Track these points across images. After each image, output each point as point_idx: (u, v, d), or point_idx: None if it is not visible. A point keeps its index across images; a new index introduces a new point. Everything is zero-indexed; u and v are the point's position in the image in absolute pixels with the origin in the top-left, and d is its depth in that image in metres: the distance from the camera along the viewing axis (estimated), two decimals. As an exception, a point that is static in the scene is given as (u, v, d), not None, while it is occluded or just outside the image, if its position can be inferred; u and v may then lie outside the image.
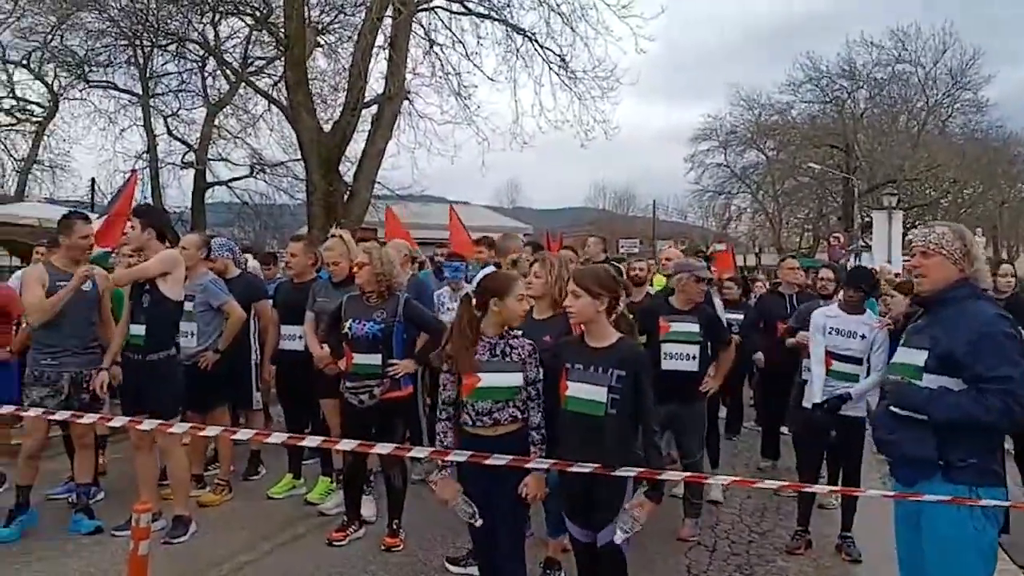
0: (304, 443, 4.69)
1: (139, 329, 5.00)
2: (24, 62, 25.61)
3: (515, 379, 3.52)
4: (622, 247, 31.58)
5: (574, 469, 3.25)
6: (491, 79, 18.74)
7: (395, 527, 5.06)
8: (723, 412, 8.18)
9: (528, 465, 3.38)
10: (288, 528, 5.44)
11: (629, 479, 3.26)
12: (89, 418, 4.96)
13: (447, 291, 6.65)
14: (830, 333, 5.18)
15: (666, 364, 5.20)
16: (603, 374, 3.27)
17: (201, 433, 5.14)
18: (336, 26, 20.82)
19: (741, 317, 7.86)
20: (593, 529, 3.36)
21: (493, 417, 3.50)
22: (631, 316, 3.76)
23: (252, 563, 4.81)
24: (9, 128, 27.56)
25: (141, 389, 5.01)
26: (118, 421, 4.85)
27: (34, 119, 27.57)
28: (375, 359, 4.86)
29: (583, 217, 53.28)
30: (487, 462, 3.37)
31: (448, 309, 6.28)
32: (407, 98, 18.03)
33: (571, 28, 17.51)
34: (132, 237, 5.10)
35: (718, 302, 7.21)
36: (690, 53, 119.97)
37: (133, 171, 11.13)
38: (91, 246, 5.41)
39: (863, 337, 5.09)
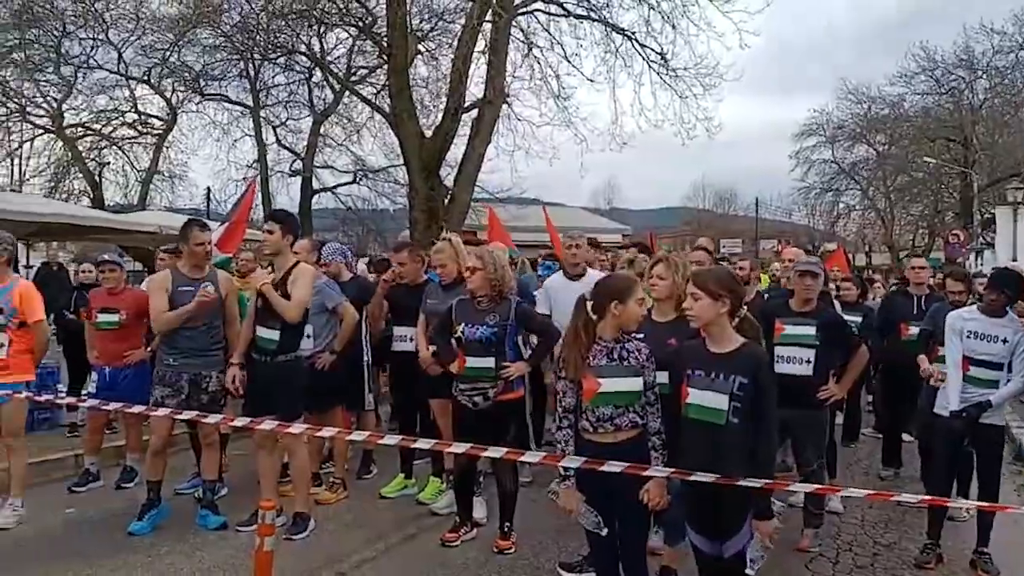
0: (417, 445, 4.76)
1: (272, 333, 5.15)
2: (145, 78, 27.07)
3: (635, 383, 3.45)
4: (724, 247, 30.91)
5: (694, 478, 3.16)
6: (590, 80, 18.64)
7: (507, 529, 5.06)
8: (839, 418, 7.85)
9: (647, 473, 3.31)
10: (402, 527, 5.52)
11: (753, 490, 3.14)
12: (214, 418, 5.20)
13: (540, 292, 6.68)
14: (968, 337, 4.88)
15: (778, 367, 5.00)
16: (725, 381, 3.17)
17: (318, 434, 5.28)
18: (436, 33, 21.13)
19: (859, 319, 7.52)
20: (719, 540, 3.26)
21: (614, 423, 3.44)
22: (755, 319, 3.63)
23: (369, 561, 4.90)
24: (132, 141, 29.19)
25: (269, 390, 5.17)
26: (240, 422, 5.05)
27: (154, 132, 29.12)
28: (488, 362, 4.88)
29: (682, 217, 52.37)
30: (603, 468, 3.32)
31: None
32: (506, 102, 18.13)
33: (672, 26, 17.24)
34: (271, 241, 5.21)
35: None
36: (795, 46, 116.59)
37: (252, 181, 11.57)
38: (208, 252, 5.60)
39: (1005, 341, 4.77)
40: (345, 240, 29.21)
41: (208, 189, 30.68)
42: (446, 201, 17.70)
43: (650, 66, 17.85)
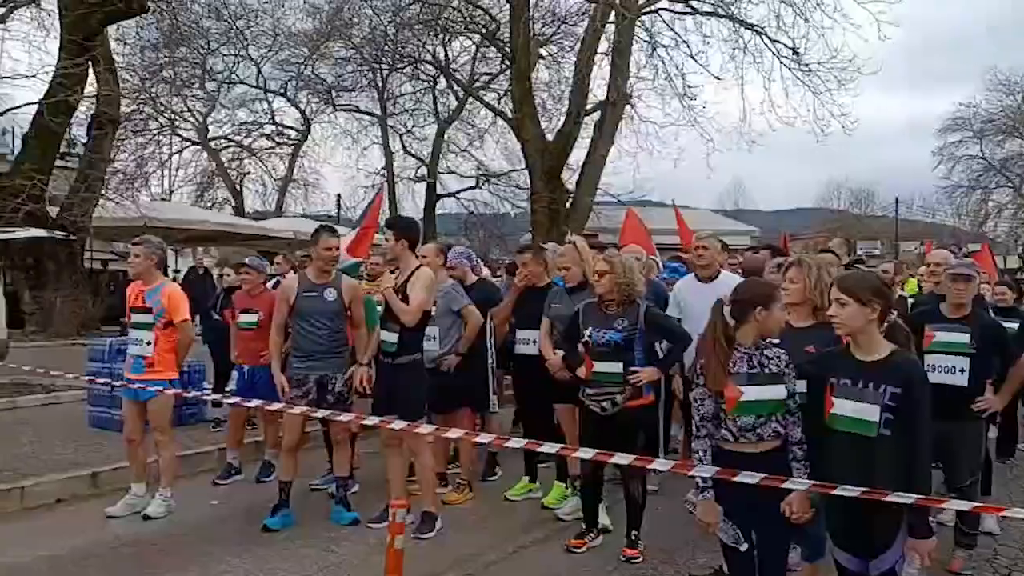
0: (543, 449, 4.74)
1: (392, 336, 5.26)
2: (282, 91, 28.51)
3: (778, 392, 3.29)
4: (861, 249, 29.41)
5: (838, 492, 2.97)
6: (717, 78, 18.25)
7: (634, 538, 4.95)
8: (993, 432, 7.27)
9: (786, 484, 3.14)
10: (527, 531, 5.51)
11: (906, 506, 2.92)
12: (346, 416, 5.35)
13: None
14: None
15: (930, 377, 4.65)
16: (875, 391, 2.97)
17: (445, 435, 5.35)
18: (558, 37, 21.22)
19: (1016, 325, 6.95)
20: (867, 558, 3.06)
21: (756, 433, 3.29)
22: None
23: (495, 564, 4.91)
24: (269, 151, 30.77)
25: (392, 391, 5.28)
26: (370, 421, 5.17)
27: (290, 142, 30.60)
28: (616, 367, 4.79)
29: (816, 218, 50.15)
30: (738, 479, 3.18)
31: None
32: (629, 103, 17.95)
33: (804, 19, 16.62)
34: (388, 247, 5.36)
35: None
36: (938, 36, 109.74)
37: (380, 188, 11.93)
38: (335, 257, 5.74)
39: None
40: (467, 244, 29.74)
41: (339, 196, 31.92)
42: (568, 204, 17.68)
43: (781, 61, 17.29)
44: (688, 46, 17.97)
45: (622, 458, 4.13)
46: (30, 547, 5.03)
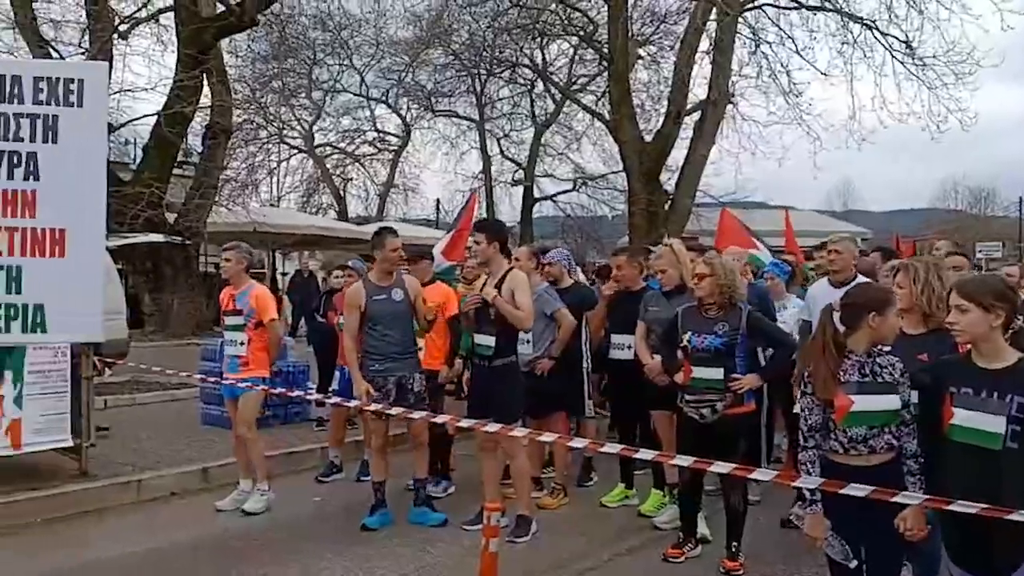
0: (638, 455, 4.65)
1: (488, 339, 5.27)
2: (383, 98, 29.21)
3: (892, 402, 3.12)
4: (980, 251, 27.78)
5: (956, 508, 2.78)
6: (824, 74, 17.61)
7: (734, 549, 4.79)
8: None
9: (897, 499, 2.97)
10: (623, 539, 5.42)
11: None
12: (442, 419, 5.39)
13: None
14: None
15: None
16: (1000, 401, 2.76)
17: (540, 438, 5.32)
18: (658, 36, 20.95)
19: None
20: (988, 578, 2.85)
21: (868, 444, 3.12)
22: None
23: (591, 571, 4.85)
24: (371, 157, 31.56)
25: (488, 394, 5.30)
26: (465, 423, 5.19)
27: (391, 148, 31.30)
28: (716, 373, 4.65)
29: (931, 219, 47.68)
30: (844, 491, 3.03)
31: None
32: (731, 102, 17.53)
33: (918, 11, 15.82)
34: (479, 251, 5.37)
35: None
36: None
37: (473, 191, 12.05)
38: (400, 258, 5.78)
39: None
40: (564, 247, 29.69)
41: (437, 200, 32.48)
42: (666, 206, 17.41)
43: (893, 56, 16.53)
44: (794, 42, 17.42)
45: (721, 466, 4.01)
46: (145, 538, 5.29)
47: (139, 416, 7.90)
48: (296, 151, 29.58)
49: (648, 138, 18.15)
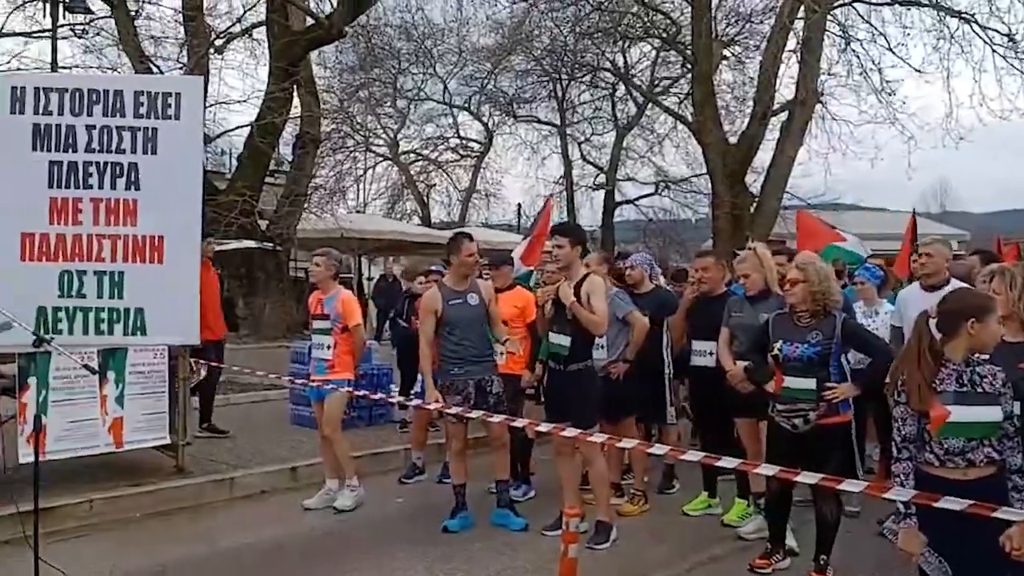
0: (720, 463, 4.56)
1: (564, 340, 5.27)
2: (466, 105, 29.53)
3: (992, 413, 2.97)
4: (1091, 254, 26.13)
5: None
6: (918, 71, 16.89)
7: (823, 563, 4.63)
8: None
9: (997, 514, 2.83)
10: (705, 548, 5.33)
11: None
12: (521, 423, 5.41)
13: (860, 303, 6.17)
14: None
15: None
16: (1109, 412, 2.61)
17: (618, 445, 5.28)
18: (743, 36, 20.53)
19: None
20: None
21: (966, 457, 2.98)
22: None
23: (672, 580, 4.80)
24: (454, 163, 31.95)
25: (564, 398, 5.29)
26: (544, 427, 5.20)
27: (473, 154, 31.60)
28: (809, 383, 4.49)
29: (1034, 220, 45.17)
30: (939, 505, 2.90)
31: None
32: (820, 101, 17.02)
33: (1022, 2, 15.03)
34: (561, 255, 5.36)
35: None
36: None
37: (549, 196, 12.10)
38: (476, 263, 5.80)
39: None
40: (646, 251, 29.36)
41: (519, 205, 32.58)
42: (752, 209, 17.03)
43: (994, 50, 15.74)
44: (886, 39, 16.78)
45: (808, 477, 3.90)
46: (235, 535, 5.49)
47: (232, 416, 8.19)
48: (381, 159, 30.15)
49: (732, 140, 17.80)
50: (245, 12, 16.79)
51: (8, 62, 20.43)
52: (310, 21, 15.88)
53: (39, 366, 5.51)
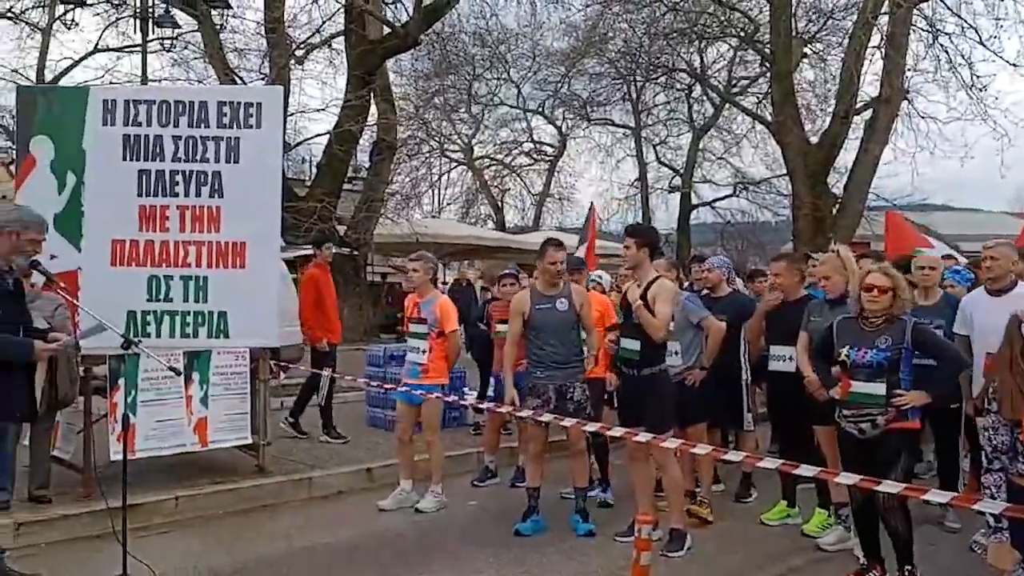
0: (798, 471, 4.43)
1: (634, 344, 5.21)
2: (540, 109, 29.58)
3: None
4: None
5: None
6: (1012, 65, 16.12)
7: (907, 574, 4.46)
8: None
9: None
10: (783, 558, 5.19)
11: None
12: (592, 426, 5.38)
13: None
14: None
15: None
16: None
17: (692, 450, 5.19)
18: (824, 33, 19.98)
19: None
20: None
21: (1063, 469, 2.84)
22: None
23: (748, 590, 4.68)
24: (528, 168, 32.06)
25: (637, 403, 5.23)
26: (616, 432, 5.15)
27: (546, 158, 31.66)
28: (878, 388, 4.35)
29: None
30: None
31: None
32: (906, 98, 16.42)
33: None
34: (629, 256, 5.30)
35: None
36: None
37: (592, 205, 12.20)
38: (560, 271, 5.73)
39: None
40: (724, 255, 28.86)
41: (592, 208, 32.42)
42: (834, 210, 16.54)
43: (1096, 40, 14.88)
44: (977, 32, 16.07)
45: (890, 486, 3.76)
46: (312, 534, 5.61)
47: (312, 417, 8.35)
48: (456, 164, 30.49)
49: (814, 139, 17.34)
50: (323, 23, 17.24)
51: (102, 76, 21.53)
52: (387, 30, 16.18)
53: (128, 367, 5.74)
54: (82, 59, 22.21)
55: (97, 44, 21.92)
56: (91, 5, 17.83)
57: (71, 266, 5.93)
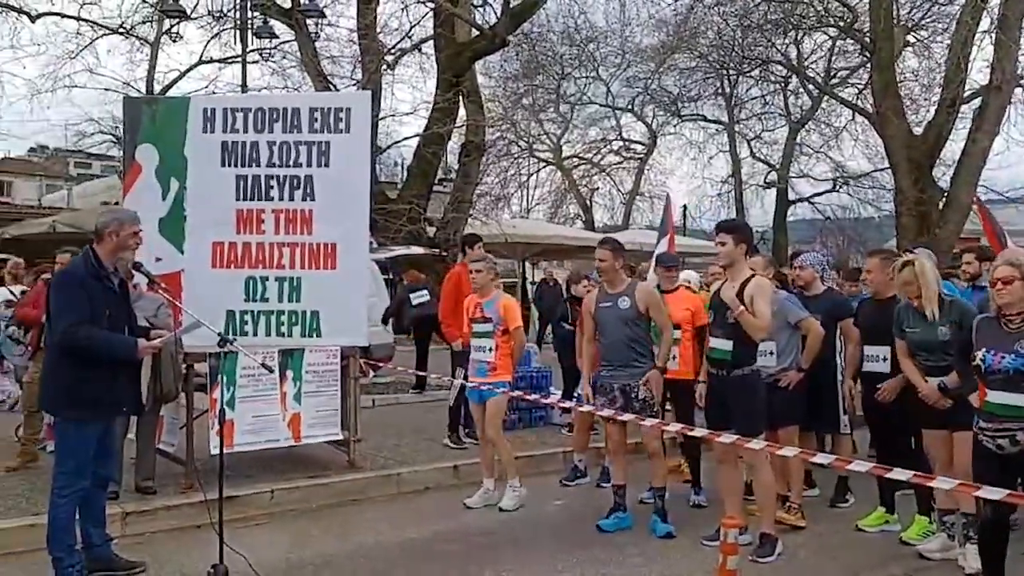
0: (893, 476, 4.25)
1: (724, 344, 5.09)
2: (629, 107, 29.34)
3: None
4: None
5: None
6: None
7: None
8: None
9: None
10: (881, 566, 4.99)
11: None
12: (674, 427, 5.30)
13: None
14: None
15: None
16: None
17: (779, 452, 5.04)
18: (929, 20, 19.09)
19: None
20: None
21: None
22: None
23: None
24: (617, 166, 31.83)
25: (726, 404, 5.10)
26: (699, 432, 5.05)
27: (636, 156, 31.36)
28: (1017, 400, 3.95)
29: None
30: None
31: None
32: (1020, 85, 15.50)
33: None
34: (725, 252, 5.15)
35: None
36: None
37: (667, 196, 11.99)
38: (609, 268, 5.66)
39: None
40: (823, 252, 27.94)
41: (684, 207, 31.92)
42: (941, 204, 15.77)
43: None
44: (1099, 11, 15.06)
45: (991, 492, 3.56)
46: (400, 529, 5.72)
47: (401, 414, 8.55)
48: (545, 164, 30.53)
49: (918, 130, 16.57)
50: (412, 27, 17.54)
51: (206, 86, 22.52)
52: (475, 33, 16.33)
53: (227, 365, 5.98)
54: (187, 71, 23.36)
55: (201, 56, 23.00)
56: (195, 19, 18.67)
57: (175, 268, 6.24)
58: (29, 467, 6.48)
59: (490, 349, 6.17)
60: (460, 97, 16.45)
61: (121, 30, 20.24)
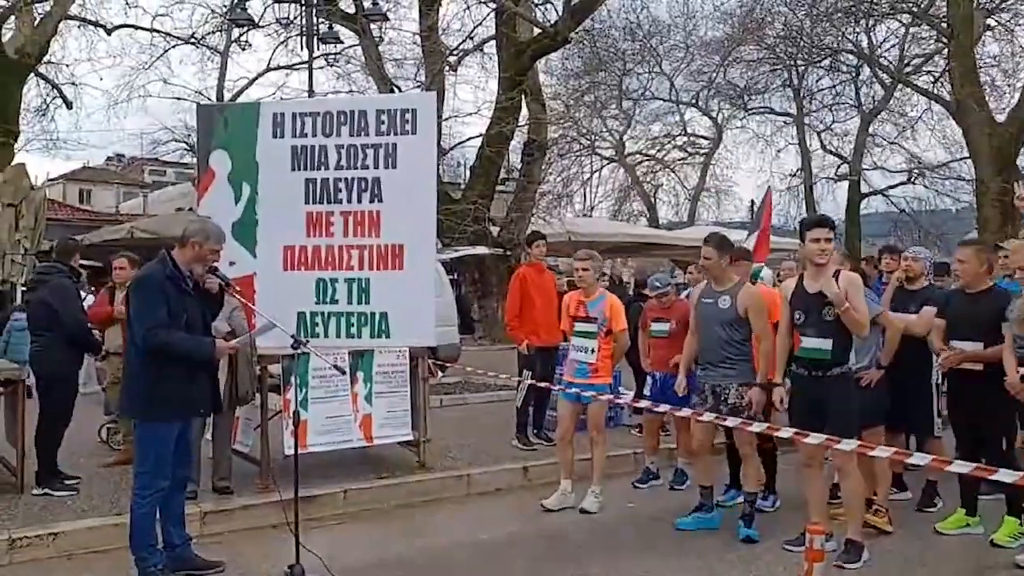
0: (995, 477, 4.03)
1: (823, 343, 4.86)
2: (693, 101, 28.93)
3: None
4: None
5: None
6: None
7: None
8: None
9: None
10: (976, 572, 4.76)
11: None
12: (757, 427, 5.12)
13: None
14: None
15: None
16: None
17: (870, 453, 4.84)
18: (1010, 3, 18.31)
19: None
20: None
21: None
22: None
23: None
24: (682, 162, 31.40)
25: (821, 406, 4.88)
26: (784, 433, 4.88)
27: (701, 151, 30.89)
28: None
29: None
30: None
31: None
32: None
33: None
34: (826, 251, 4.94)
35: None
36: None
37: (768, 188, 11.60)
38: (713, 265, 5.51)
39: None
40: (899, 245, 27.03)
41: (752, 202, 31.30)
42: (1026, 194, 15.09)
43: None
44: None
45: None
46: (471, 530, 5.69)
47: (469, 415, 8.53)
48: (608, 161, 30.31)
49: (1000, 119, 15.91)
50: (475, 28, 17.60)
51: (274, 92, 23.02)
52: (536, 31, 16.29)
53: (299, 366, 6.04)
54: (256, 78, 23.87)
55: (269, 63, 23.50)
56: (262, 27, 19.08)
57: (247, 271, 6.32)
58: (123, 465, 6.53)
59: (592, 350, 6.02)
60: (522, 96, 16.44)
61: (192, 40, 20.85)
